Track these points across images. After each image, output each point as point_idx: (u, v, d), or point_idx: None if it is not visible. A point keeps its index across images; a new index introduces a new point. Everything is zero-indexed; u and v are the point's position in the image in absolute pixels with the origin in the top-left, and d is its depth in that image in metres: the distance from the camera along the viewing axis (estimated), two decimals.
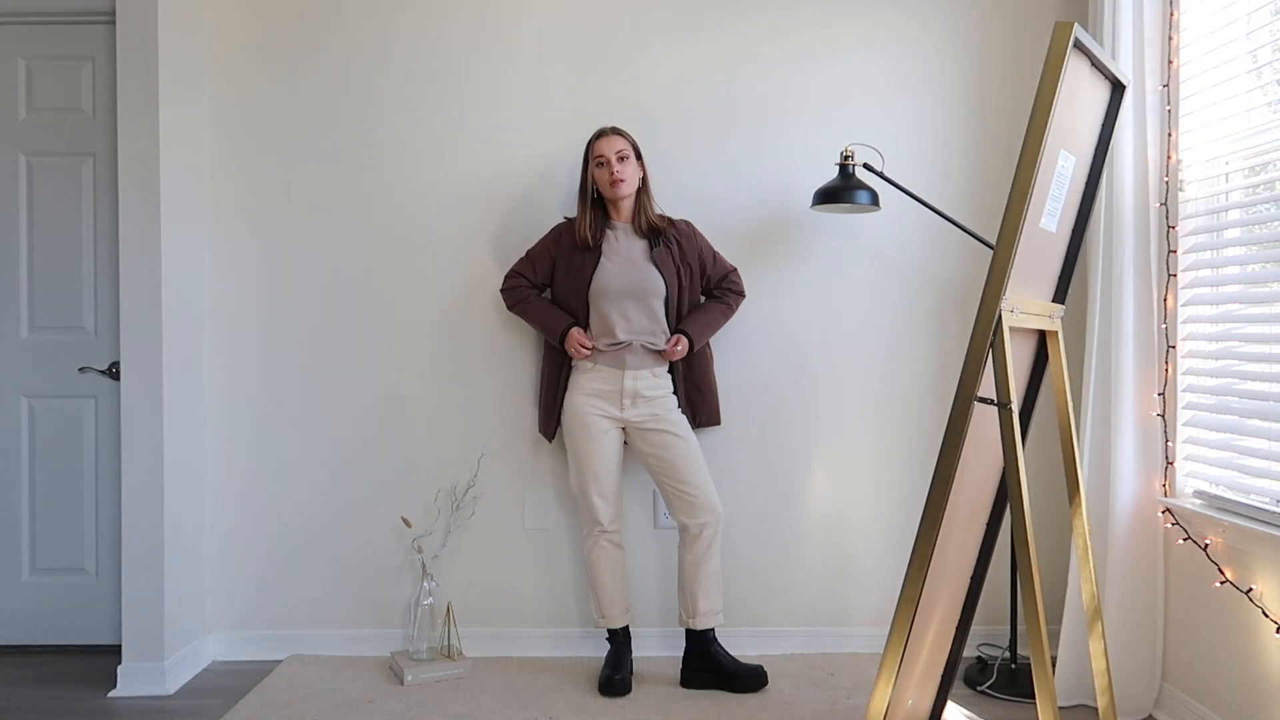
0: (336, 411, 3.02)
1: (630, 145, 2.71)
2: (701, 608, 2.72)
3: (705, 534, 2.72)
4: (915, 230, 3.02)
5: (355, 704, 2.62)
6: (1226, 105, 2.37)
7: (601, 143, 2.70)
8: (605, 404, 2.72)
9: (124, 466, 2.73)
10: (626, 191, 2.70)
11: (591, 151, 2.71)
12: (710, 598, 2.73)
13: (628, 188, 2.70)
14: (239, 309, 3.02)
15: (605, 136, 2.70)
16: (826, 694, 2.69)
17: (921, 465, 3.05)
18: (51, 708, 2.62)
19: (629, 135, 2.73)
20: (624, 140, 2.70)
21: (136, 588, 2.73)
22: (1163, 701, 2.53)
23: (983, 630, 3.06)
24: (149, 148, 2.72)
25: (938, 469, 1.83)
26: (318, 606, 3.04)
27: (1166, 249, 2.52)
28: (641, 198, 2.75)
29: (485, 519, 3.04)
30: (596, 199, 2.76)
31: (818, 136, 3.01)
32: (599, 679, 2.75)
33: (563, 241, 2.78)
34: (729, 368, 3.01)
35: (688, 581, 2.74)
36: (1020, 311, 1.91)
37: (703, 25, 3.01)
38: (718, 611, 2.75)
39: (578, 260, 2.73)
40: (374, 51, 3.00)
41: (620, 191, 2.68)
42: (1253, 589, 2.17)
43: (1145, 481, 2.52)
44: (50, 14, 2.96)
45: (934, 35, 3.00)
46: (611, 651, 2.80)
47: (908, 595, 1.85)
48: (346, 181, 3.01)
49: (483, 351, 3.02)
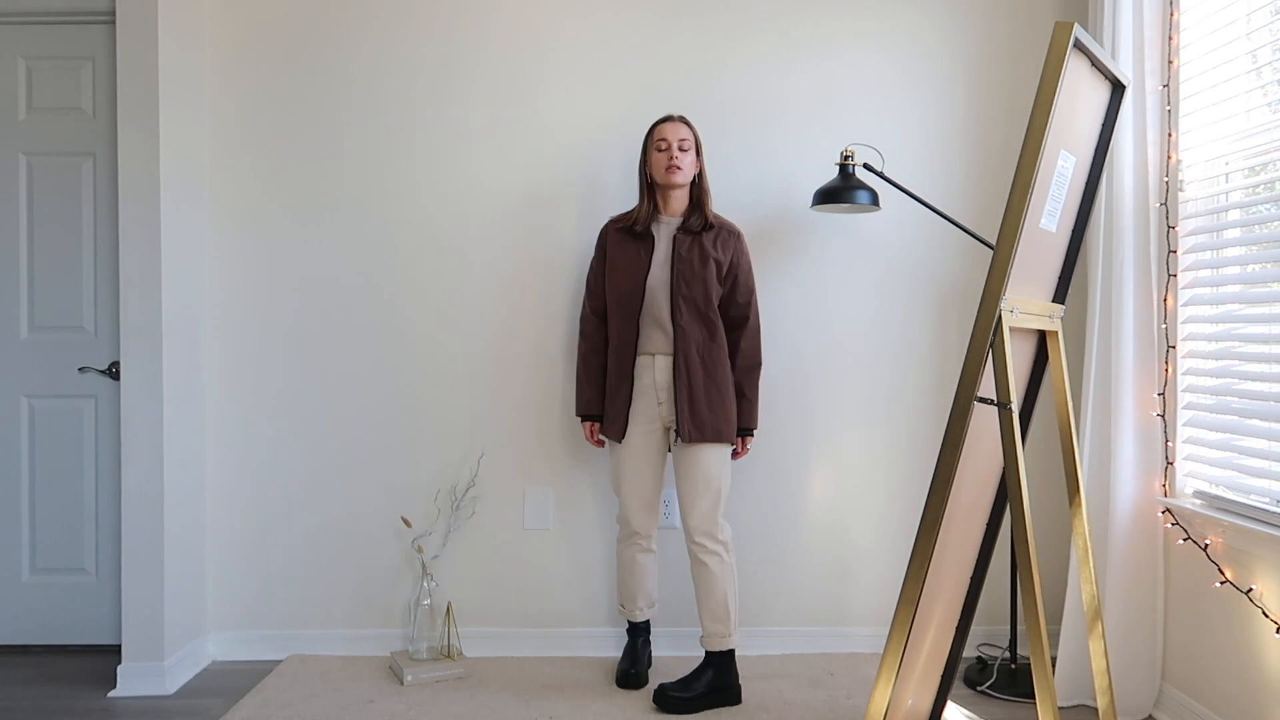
0: (336, 411, 3.02)
1: (693, 137, 2.65)
2: (705, 627, 2.65)
3: (700, 553, 2.62)
4: (915, 230, 3.02)
5: (355, 704, 2.62)
6: (1226, 105, 2.37)
7: (666, 126, 2.63)
8: (644, 400, 2.65)
9: (124, 466, 2.73)
10: (681, 181, 2.62)
11: (653, 135, 2.65)
12: (713, 618, 2.62)
13: (683, 177, 2.61)
14: (239, 309, 3.02)
15: (670, 122, 2.64)
16: (826, 694, 2.69)
17: (921, 465, 3.05)
18: (51, 708, 2.62)
19: (694, 127, 2.67)
20: (688, 130, 2.64)
21: (136, 588, 2.73)
22: (1163, 701, 2.53)
23: (983, 630, 3.06)
24: (149, 148, 2.72)
25: (938, 469, 1.83)
26: (318, 606, 3.04)
27: (1166, 249, 2.52)
28: (695, 194, 2.68)
29: (485, 519, 3.04)
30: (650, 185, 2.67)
31: (818, 136, 3.01)
32: (616, 671, 2.78)
33: (610, 239, 2.71)
34: None
35: (695, 597, 2.67)
36: (1020, 311, 1.91)
37: (702, 24, 3.00)
38: (724, 635, 2.61)
39: (631, 248, 2.66)
40: (373, 52, 3.00)
41: (675, 179, 2.60)
42: (1253, 589, 2.17)
43: (1145, 481, 2.51)
44: (50, 14, 2.96)
45: (934, 35, 3.00)
46: (629, 644, 2.82)
47: (908, 595, 1.85)
48: (346, 181, 3.01)
49: (483, 351, 3.02)
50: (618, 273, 2.66)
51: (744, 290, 2.70)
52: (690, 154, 2.63)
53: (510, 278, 3.02)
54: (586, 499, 3.04)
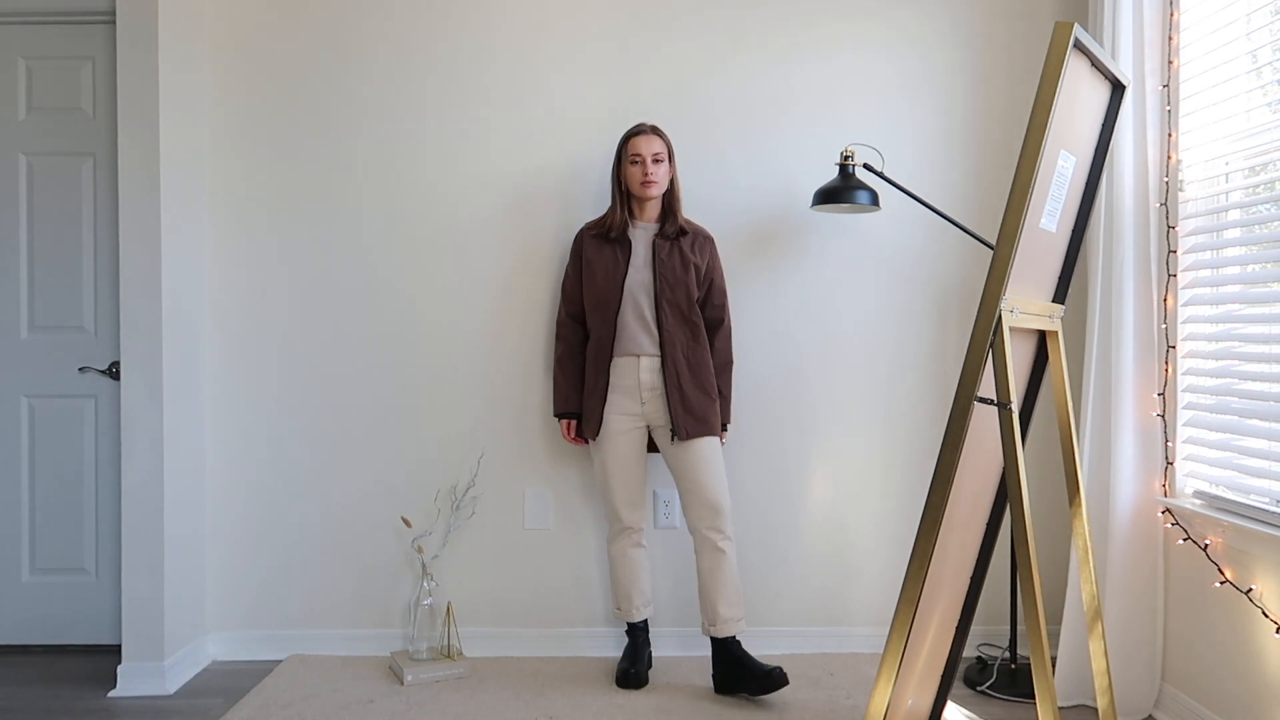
0: (336, 411, 3.02)
1: (666, 148, 2.72)
2: (722, 614, 2.68)
3: (714, 539, 2.69)
4: (915, 230, 3.02)
5: (355, 704, 2.62)
6: (1226, 105, 2.37)
7: (640, 140, 2.70)
8: (625, 399, 2.72)
9: (124, 466, 2.73)
10: (655, 193, 2.71)
11: (628, 148, 2.71)
12: (729, 604, 2.68)
13: (657, 190, 2.70)
14: (239, 309, 3.02)
15: (644, 135, 2.70)
16: (826, 694, 2.69)
17: (921, 465, 3.05)
18: (51, 708, 2.62)
19: (666, 137, 2.73)
20: (661, 142, 2.71)
21: (136, 588, 2.73)
22: (1163, 701, 2.53)
23: (983, 630, 3.06)
24: (149, 148, 2.72)
25: (938, 469, 1.83)
26: (318, 606, 3.04)
27: (1166, 249, 2.52)
28: (667, 200, 2.76)
29: (485, 519, 3.04)
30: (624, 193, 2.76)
31: (818, 136, 3.01)
32: (616, 671, 2.79)
33: (586, 244, 2.78)
34: None
35: (705, 588, 2.70)
36: (1020, 311, 1.91)
37: (702, 25, 3.00)
38: (738, 619, 2.68)
39: (608, 252, 2.73)
40: (374, 52, 3.00)
41: (649, 193, 2.70)
42: (1253, 589, 2.17)
43: (1145, 481, 2.51)
44: (50, 14, 2.96)
45: (934, 35, 3.00)
46: (629, 644, 2.83)
47: (908, 595, 1.85)
48: (346, 182, 3.01)
49: (484, 351, 3.02)
50: (596, 277, 2.73)
51: (719, 292, 2.82)
52: (664, 165, 2.71)
53: (511, 278, 3.02)
54: (586, 499, 3.04)
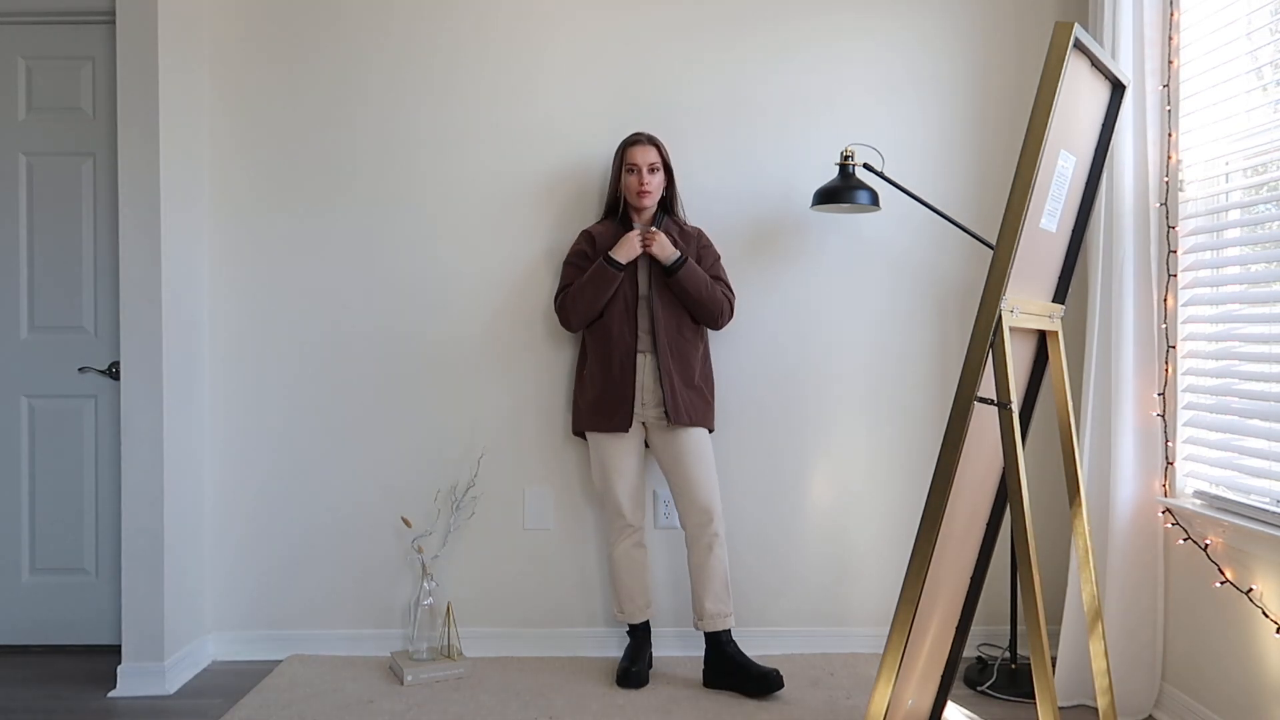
0: (336, 410, 3.02)
1: (661, 158, 2.76)
2: (709, 609, 2.72)
3: (703, 535, 2.72)
4: (915, 230, 3.02)
5: (355, 704, 2.62)
6: (1226, 105, 2.37)
7: (635, 151, 2.73)
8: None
9: (124, 466, 2.73)
10: (650, 203, 2.76)
11: (624, 158, 2.74)
12: (716, 599, 2.72)
13: (652, 200, 2.75)
14: (239, 309, 3.02)
15: (640, 145, 2.74)
16: (826, 694, 2.69)
17: (921, 465, 3.05)
18: (51, 708, 2.62)
19: (662, 146, 2.76)
20: (657, 152, 2.75)
21: (136, 588, 2.73)
22: (1163, 701, 2.53)
23: (983, 630, 3.06)
24: (149, 148, 2.72)
25: (938, 469, 1.83)
26: (318, 606, 3.04)
27: (1166, 249, 2.52)
28: (664, 203, 2.81)
29: (485, 519, 3.04)
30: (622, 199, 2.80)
31: (818, 136, 3.01)
32: (617, 670, 2.80)
33: (594, 244, 2.80)
34: (729, 367, 3.01)
35: (694, 584, 2.75)
36: (1020, 311, 1.91)
37: (702, 25, 3.01)
38: (726, 614, 2.73)
39: None
40: (373, 51, 3.00)
41: (645, 202, 2.75)
42: (1253, 589, 2.17)
43: (1145, 482, 2.51)
44: (50, 14, 2.96)
45: (934, 35, 3.00)
46: (630, 644, 2.84)
47: (908, 595, 1.85)
48: (346, 181, 3.01)
49: (484, 351, 3.02)
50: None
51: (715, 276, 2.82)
52: (659, 174, 2.76)
53: (511, 278, 3.02)
54: (586, 499, 3.04)
